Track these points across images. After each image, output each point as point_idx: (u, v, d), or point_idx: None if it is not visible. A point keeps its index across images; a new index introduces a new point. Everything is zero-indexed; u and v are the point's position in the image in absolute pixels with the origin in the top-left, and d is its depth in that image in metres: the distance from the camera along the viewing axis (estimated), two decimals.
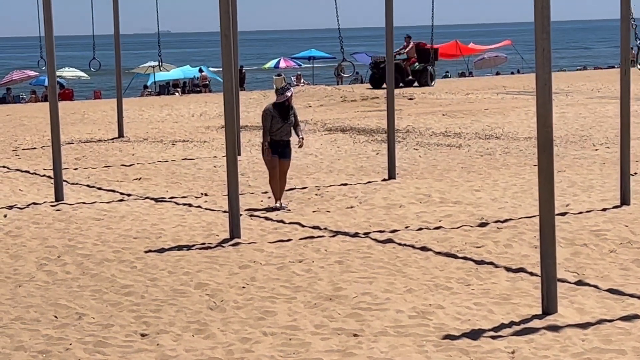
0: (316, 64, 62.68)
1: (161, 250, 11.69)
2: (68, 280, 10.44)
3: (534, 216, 12.13)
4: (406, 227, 12.72)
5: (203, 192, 15.73)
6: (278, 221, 13.26)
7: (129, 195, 15.64)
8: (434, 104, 31.10)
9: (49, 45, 15.31)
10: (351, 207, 14.19)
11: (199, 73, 50.36)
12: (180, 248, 11.76)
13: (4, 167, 19.08)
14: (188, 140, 23.01)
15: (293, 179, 16.25)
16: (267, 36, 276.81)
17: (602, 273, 10.28)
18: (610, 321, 8.58)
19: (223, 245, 11.88)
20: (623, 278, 10.07)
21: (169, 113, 30.35)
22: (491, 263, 10.77)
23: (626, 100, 13.57)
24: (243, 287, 9.94)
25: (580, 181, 15.87)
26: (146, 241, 12.17)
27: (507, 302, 9.20)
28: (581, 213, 13.26)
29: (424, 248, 11.52)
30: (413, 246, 11.62)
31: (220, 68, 13.89)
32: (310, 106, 31.47)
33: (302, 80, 50.92)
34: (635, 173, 15.68)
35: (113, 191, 16.03)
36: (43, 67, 18.08)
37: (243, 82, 45.69)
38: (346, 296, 9.52)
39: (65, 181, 15.94)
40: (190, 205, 14.63)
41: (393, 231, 12.50)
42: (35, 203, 14.93)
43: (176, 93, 46.12)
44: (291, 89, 14.21)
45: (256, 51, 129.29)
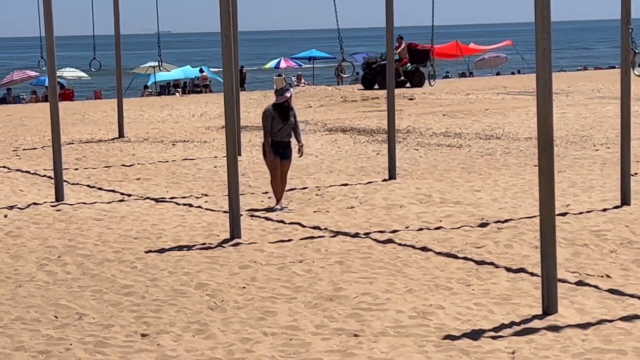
0: (317, 64, 62.72)
1: (161, 250, 11.69)
2: (68, 280, 10.44)
3: (535, 216, 12.13)
4: (406, 228, 12.72)
5: (203, 193, 15.73)
6: (278, 221, 13.26)
7: (130, 195, 15.64)
8: (435, 104, 31.10)
9: (50, 45, 15.31)
10: (351, 208, 14.19)
11: (200, 73, 50.38)
12: (180, 248, 11.76)
13: (5, 167, 19.09)
14: (188, 140, 23.01)
15: (293, 179, 16.25)
16: (268, 36, 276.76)
17: (603, 273, 10.27)
18: (610, 321, 8.58)
19: (223, 245, 11.88)
20: (623, 278, 10.07)
21: (170, 113, 30.36)
22: (491, 263, 10.76)
23: (626, 100, 13.57)
24: (243, 287, 9.94)
25: (580, 181, 15.87)
26: (146, 241, 12.17)
27: (508, 303, 9.20)
28: (581, 213, 13.26)
29: (425, 248, 11.52)
30: (413, 246, 11.62)
31: (220, 68, 13.90)
32: (310, 106, 31.48)
33: (303, 80, 50.93)
34: (635, 173, 15.68)
35: (113, 191, 16.03)
36: (43, 68, 18.06)
37: (243, 83, 45.70)
38: (346, 296, 9.52)
39: (65, 181, 15.94)
40: (190, 205, 14.63)
41: (393, 231, 12.50)
42: (35, 203, 14.93)
43: (177, 93, 46.13)
44: (290, 90, 14.20)
45: (257, 51, 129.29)
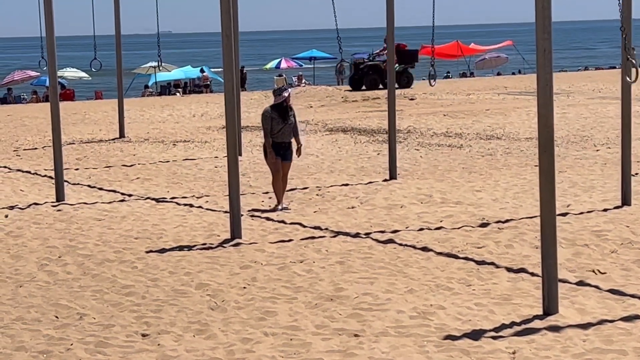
0: (317, 65, 62.71)
1: (162, 250, 11.69)
2: (69, 280, 10.44)
3: (535, 216, 12.12)
4: (407, 228, 12.72)
5: (202, 194, 15.72)
6: (279, 221, 13.26)
7: (130, 195, 15.64)
8: (435, 105, 31.11)
9: (50, 45, 15.32)
10: (352, 208, 14.18)
11: (201, 73, 50.39)
12: (181, 248, 11.76)
13: (5, 168, 19.09)
14: (189, 140, 23.01)
15: (294, 179, 16.25)
16: (268, 36, 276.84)
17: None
18: (611, 321, 8.57)
19: (224, 245, 11.88)
20: (624, 278, 10.07)
21: (170, 113, 30.36)
22: (492, 263, 10.76)
23: (627, 100, 13.56)
24: (244, 288, 9.94)
25: (581, 181, 15.87)
26: (147, 241, 12.17)
27: (508, 303, 9.20)
28: (582, 213, 13.26)
29: (425, 248, 11.52)
30: (414, 246, 11.61)
31: (221, 68, 13.89)
32: (311, 106, 31.48)
33: (304, 80, 50.93)
34: (636, 173, 15.67)
35: (114, 191, 16.04)
36: (44, 68, 18.05)
37: (244, 83, 45.71)
38: (347, 296, 9.52)
39: (66, 181, 15.95)
40: (191, 205, 14.63)
41: (394, 231, 12.50)
42: (36, 203, 14.94)
43: (177, 93, 46.14)
44: (288, 90, 14.20)
45: (257, 51, 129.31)
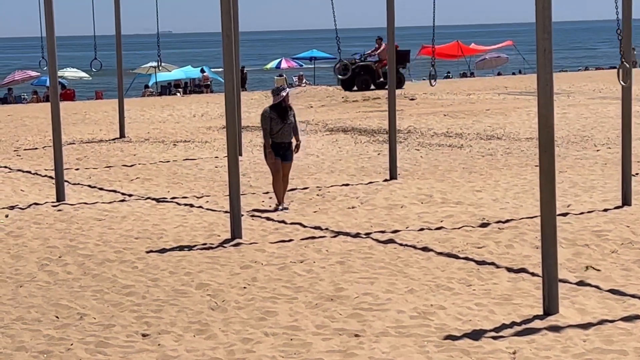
0: (318, 65, 62.69)
1: (162, 250, 11.69)
2: (69, 280, 10.44)
3: (536, 216, 12.12)
4: (407, 228, 12.72)
5: (203, 194, 15.72)
6: (279, 221, 13.26)
7: (131, 195, 15.64)
8: (436, 105, 31.10)
9: (51, 45, 15.31)
10: (352, 208, 14.18)
11: (201, 73, 50.38)
12: (181, 248, 11.76)
13: (6, 168, 19.09)
14: (189, 140, 23.01)
15: (294, 180, 16.24)
16: (269, 36, 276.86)
17: (604, 273, 10.27)
18: (611, 322, 8.58)
19: (224, 245, 11.88)
20: (624, 278, 10.07)
21: (171, 113, 30.36)
22: (492, 263, 10.76)
23: (628, 100, 13.56)
24: (244, 288, 9.94)
25: (581, 182, 15.87)
26: (147, 241, 12.17)
27: (509, 303, 9.20)
28: (582, 213, 13.26)
29: (426, 248, 11.52)
30: (414, 246, 11.61)
31: (221, 68, 13.90)
32: (311, 106, 31.47)
33: (304, 80, 50.91)
34: (636, 173, 15.67)
35: (114, 191, 16.04)
36: (44, 68, 18.06)
37: (244, 83, 45.70)
38: (347, 296, 9.52)
39: (66, 181, 15.95)
40: (191, 205, 14.63)
41: (394, 231, 12.50)
42: (36, 203, 14.94)
43: (178, 93, 46.14)
44: (286, 89, 14.21)
45: (258, 52, 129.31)
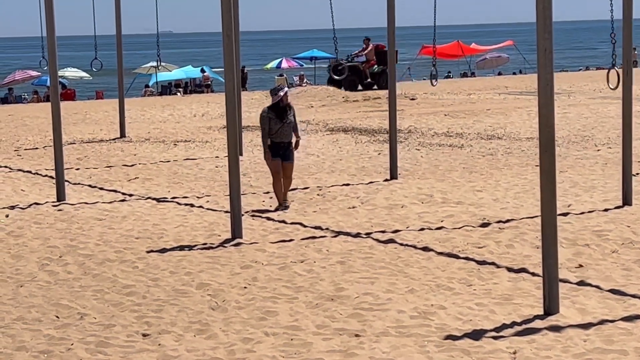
0: (318, 64, 62.66)
1: (163, 250, 11.69)
2: (70, 280, 10.44)
3: (536, 216, 12.12)
4: (408, 228, 12.72)
5: (203, 193, 15.72)
6: (280, 221, 13.26)
7: (131, 195, 15.64)
8: (436, 104, 31.09)
9: (51, 45, 15.31)
10: (353, 208, 14.18)
11: (201, 73, 50.38)
12: (182, 248, 11.76)
13: (6, 167, 19.09)
14: (190, 140, 23.01)
15: (295, 179, 16.21)
16: (269, 36, 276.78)
17: (604, 273, 10.27)
18: (612, 321, 8.57)
19: (225, 245, 11.88)
20: (625, 278, 10.06)
21: (171, 113, 30.36)
22: (493, 263, 10.76)
23: (628, 100, 13.56)
24: (245, 287, 9.94)
25: (582, 181, 15.86)
26: (148, 241, 12.17)
27: (509, 303, 9.19)
28: (583, 213, 13.25)
29: (426, 248, 11.51)
30: (415, 246, 11.61)
31: (222, 68, 13.89)
32: (312, 106, 31.46)
33: (305, 80, 50.91)
34: (637, 173, 15.66)
35: (115, 191, 16.04)
36: (45, 67, 18.05)
37: (245, 83, 45.71)
38: (348, 296, 9.52)
39: (67, 181, 15.95)
40: (192, 205, 14.63)
41: (395, 231, 12.49)
42: (37, 203, 14.94)
43: (178, 93, 46.15)
44: (284, 89, 14.18)
45: (258, 51, 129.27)
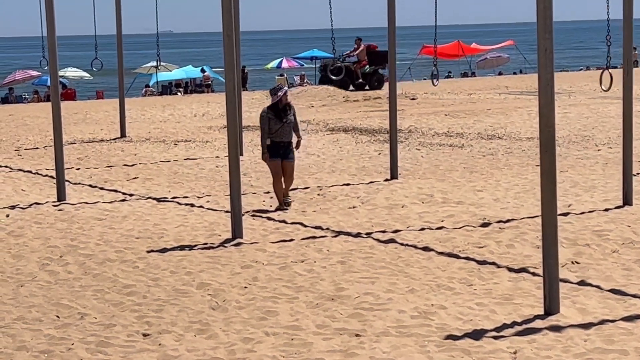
0: (319, 64, 62.62)
1: (163, 250, 11.69)
2: (70, 280, 10.44)
3: (537, 216, 12.12)
4: (408, 227, 12.71)
5: (204, 193, 15.72)
6: (280, 221, 13.26)
7: (132, 195, 15.64)
8: (437, 104, 31.09)
9: (51, 45, 15.31)
10: (353, 207, 14.18)
11: (202, 73, 50.39)
12: (182, 248, 11.76)
13: (7, 167, 19.09)
14: (190, 140, 23.01)
15: (295, 179, 16.21)
16: (270, 36, 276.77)
17: (605, 273, 10.27)
18: (612, 321, 8.57)
19: (225, 245, 11.88)
20: (625, 278, 10.06)
21: (172, 113, 30.37)
22: (493, 263, 10.76)
23: (629, 100, 13.57)
24: (245, 287, 9.94)
25: (582, 181, 15.86)
26: (148, 241, 12.17)
27: (509, 303, 9.19)
28: (583, 213, 13.25)
29: (426, 248, 11.51)
30: (415, 246, 11.61)
31: (222, 68, 13.89)
32: (312, 106, 31.47)
33: (306, 80, 50.91)
34: (637, 173, 15.66)
35: (115, 191, 16.04)
36: (45, 67, 18.05)
37: (245, 82, 45.72)
38: (348, 296, 9.52)
39: (67, 181, 15.95)
40: (192, 205, 14.62)
41: (395, 231, 12.49)
42: (37, 203, 14.94)
43: (178, 93, 46.15)
44: (284, 88, 14.18)
45: (258, 51, 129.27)
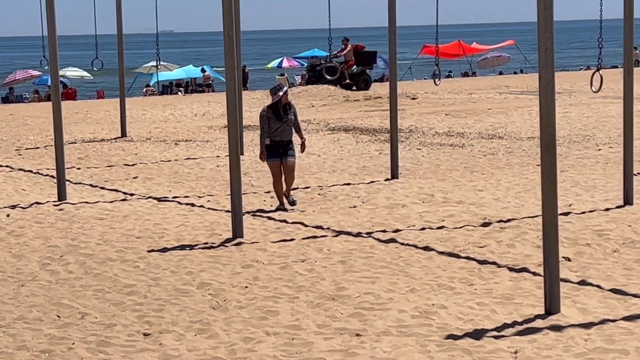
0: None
1: (164, 249, 11.69)
2: (71, 279, 10.44)
3: (537, 216, 12.12)
4: (409, 227, 12.71)
5: (204, 193, 15.72)
6: (281, 221, 13.26)
7: (132, 194, 15.64)
8: (437, 104, 31.09)
9: (52, 44, 15.31)
10: (354, 207, 14.18)
11: (202, 73, 50.38)
12: (183, 247, 11.76)
13: (7, 167, 19.10)
14: (191, 139, 23.01)
15: (296, 179, 16.22)
16: (270, 36, 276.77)
17: (605, 273, 10.27)
18: (613, 321, 8.57)
19: (226, 244, 11.88)
20: (626, 278, 10.06)
21: (172, 113, 30.36)
22: (494, 263, 10.76)
23: (629, 100, 13.57)
24: (246, 287, 9.94)
25: (583, 181, 15.86)
26: (149, 241, 12.17)
27: (510, 302, 9.19)
28: (584, 213, 13.25)
29: (427, 248, 11.51)
30: (416, 246, 11.61)
31: (222, 68, 13.89)
32: (313, 106, 31.46)
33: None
34: (638, 173, 15.65)
35: (116, 191, 16.04)
36: (46, 67, 18.05)
37: (246, 82, 45.72)
38: (349, 296, 9.52)
39: (68, 181, 15.95)
40: (193, 204, 14.62)
41: (396, 231, 12.49)
42: (38, 202, 14.94)
43: (179, 93, 46.15)
44: (284, 88, 14.17)
45: (259, 51, 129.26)
